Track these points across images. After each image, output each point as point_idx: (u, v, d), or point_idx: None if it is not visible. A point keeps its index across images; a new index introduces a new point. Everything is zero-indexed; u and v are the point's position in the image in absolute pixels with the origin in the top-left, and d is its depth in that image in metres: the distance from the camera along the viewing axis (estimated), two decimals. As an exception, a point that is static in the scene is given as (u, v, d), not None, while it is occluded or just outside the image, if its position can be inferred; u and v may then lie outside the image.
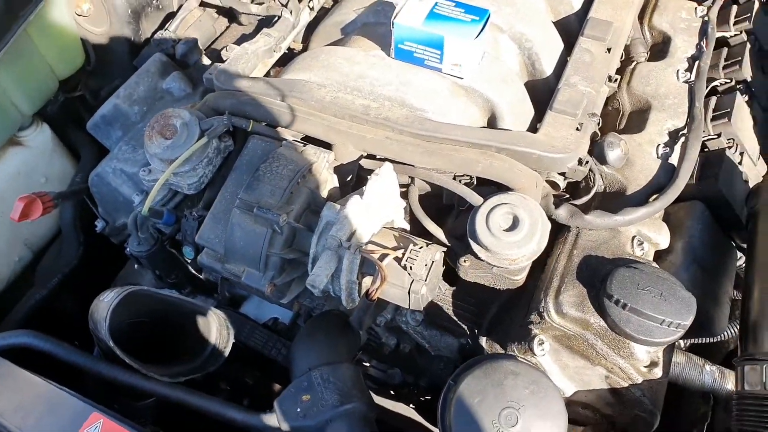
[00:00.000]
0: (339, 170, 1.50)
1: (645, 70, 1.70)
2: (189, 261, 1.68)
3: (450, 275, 1.50)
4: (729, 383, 1.46)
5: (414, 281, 1.32)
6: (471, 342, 1.54)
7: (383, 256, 1.30)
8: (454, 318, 1.55)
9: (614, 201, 1.49)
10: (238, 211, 1.36)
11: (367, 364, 1.73)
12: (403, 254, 1.32)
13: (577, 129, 1.44)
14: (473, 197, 1.36)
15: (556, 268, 1.37)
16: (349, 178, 1.52)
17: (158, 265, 1.66)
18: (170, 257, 1.68)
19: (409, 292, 1.33)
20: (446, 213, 1.53)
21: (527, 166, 1.40)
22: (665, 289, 1.25)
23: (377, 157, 1.50)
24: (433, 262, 1.34)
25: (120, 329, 1.37)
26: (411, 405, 1.71)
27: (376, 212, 1.36)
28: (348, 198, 1.34)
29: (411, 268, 1.30)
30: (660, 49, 1.78)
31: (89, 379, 1.43)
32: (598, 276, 1.33)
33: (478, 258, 1.33)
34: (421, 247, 1.32)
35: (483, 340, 1.48)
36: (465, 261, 1.38)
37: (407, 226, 1.50)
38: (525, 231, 1.29)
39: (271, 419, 1.27)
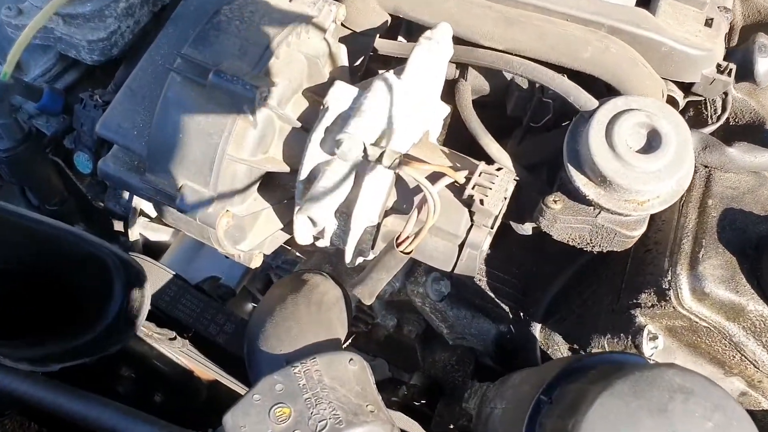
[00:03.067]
0: (347, 42, 0.92)
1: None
2: (84, 177, 1.06)
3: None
4: None
5: (474, 227, 0.79)
6: (515, 330, 1.04)
7: (437, 176, 0.74)
8: (491, 295, 1.04)
9: (742, 138, 1.01)
10: (179, 78, 0.76)
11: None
12: (468, 179, 0.77)
13: (707, 24, 0.96)
14: (581, 96, 0.82)
15: (683, 225, 0.88)
16: (359, 61, 0.95)
17: (29, 179, 1.02)
18: (51, 169, 1.05)
19: (461, 245, 0.80)
20: (505, 133, 0.99)
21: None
22: None
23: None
24: (505, 198, 0.81)
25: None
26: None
27: (417, 106, 0.81)
28: (375, 77, 0.79)
29: (482, 202, 0.76)
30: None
31: None
32: (750, 239, 0.86)
33: (582, 198, 0.81)
34: (499, 169, 0.78)
35: (536, 329, 0.99)
36: (556, 201, 0.84)
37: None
38: (670, 155, 0.78)
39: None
